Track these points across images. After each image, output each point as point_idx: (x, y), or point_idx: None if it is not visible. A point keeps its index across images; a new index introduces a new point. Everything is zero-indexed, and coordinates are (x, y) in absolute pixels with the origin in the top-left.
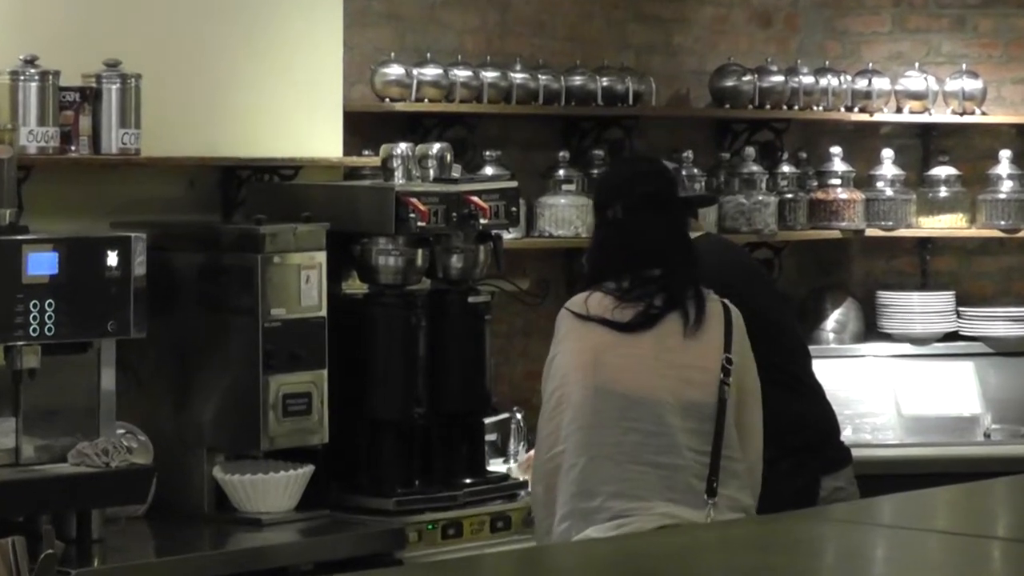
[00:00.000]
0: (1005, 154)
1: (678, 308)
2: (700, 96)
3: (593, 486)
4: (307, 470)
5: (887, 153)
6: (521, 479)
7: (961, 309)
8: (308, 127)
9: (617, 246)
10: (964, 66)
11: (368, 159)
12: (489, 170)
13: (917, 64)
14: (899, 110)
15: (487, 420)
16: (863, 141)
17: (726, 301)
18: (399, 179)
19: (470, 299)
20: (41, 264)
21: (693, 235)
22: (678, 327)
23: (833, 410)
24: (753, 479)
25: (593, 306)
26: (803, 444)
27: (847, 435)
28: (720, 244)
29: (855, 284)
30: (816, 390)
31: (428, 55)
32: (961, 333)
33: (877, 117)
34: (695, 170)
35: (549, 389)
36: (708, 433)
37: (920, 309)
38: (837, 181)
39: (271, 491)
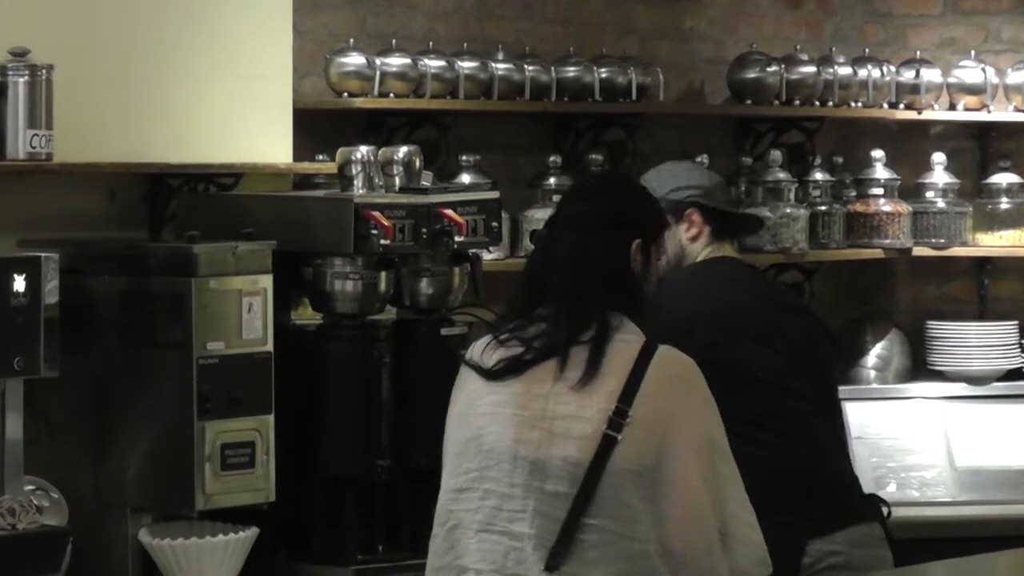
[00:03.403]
0: None
1: (557, 354)
2: (716, 90)
3: (450, 560)
4: (250, 534)
5: (938, 158)
6: None
7: None
8: (251, 127)
9: (524, 276)
10: None
11: (322, 165)
12: (466, 178)
13: (973, 52)
14: (952, 107)
15: None
16: (910, 143)
17: (660, 344)
18: (359, 189)
19: (443, 331)
20: None
21: (704, 257)
22: (555, 372)
23: (841, 463)
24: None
25: (477, 349)
26: (784, 501)
27: (890, 491)
28: (714, 275)
29: (901, 313)
30: (814, 442)
31: (393, 42)
32: None
33: (926, 115)
34: None
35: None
36: (572, 499)
37: (977, 342)
38: (879, 191)
39: (207, 558)
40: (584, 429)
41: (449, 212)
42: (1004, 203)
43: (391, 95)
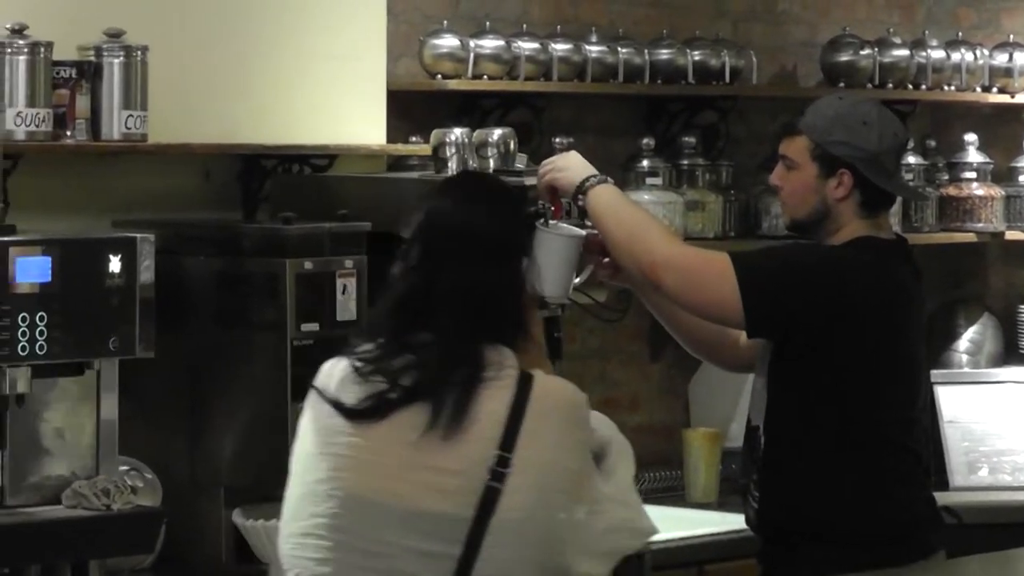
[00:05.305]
0: None
1: (428, 397)
2: (809, 73)
3: None
4: None
5: None
6: None
7: None
8: (345, 109)
9: (394, 295)
10: None
11: (416, 147)
12: None
13: None
14: None
15: None
16: (1003, 127)
17: (539, 373)
18: (453, 170)
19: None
20: (31, 270)
21: (851, 229)
22: (425, 418)
23: (920, 487)
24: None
25: (335, 377)
26: (850, 534)
27: (982, 475)
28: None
29: (993, 297)
30: (892, 463)
31: (487, 24)
32: None
33: (1020, 99)
34: None
35: None
36: (456, 559)
37: None
38: (972, 174)
39: None
40: (460, 484)
41: None
42: None
43: (484, 77)
